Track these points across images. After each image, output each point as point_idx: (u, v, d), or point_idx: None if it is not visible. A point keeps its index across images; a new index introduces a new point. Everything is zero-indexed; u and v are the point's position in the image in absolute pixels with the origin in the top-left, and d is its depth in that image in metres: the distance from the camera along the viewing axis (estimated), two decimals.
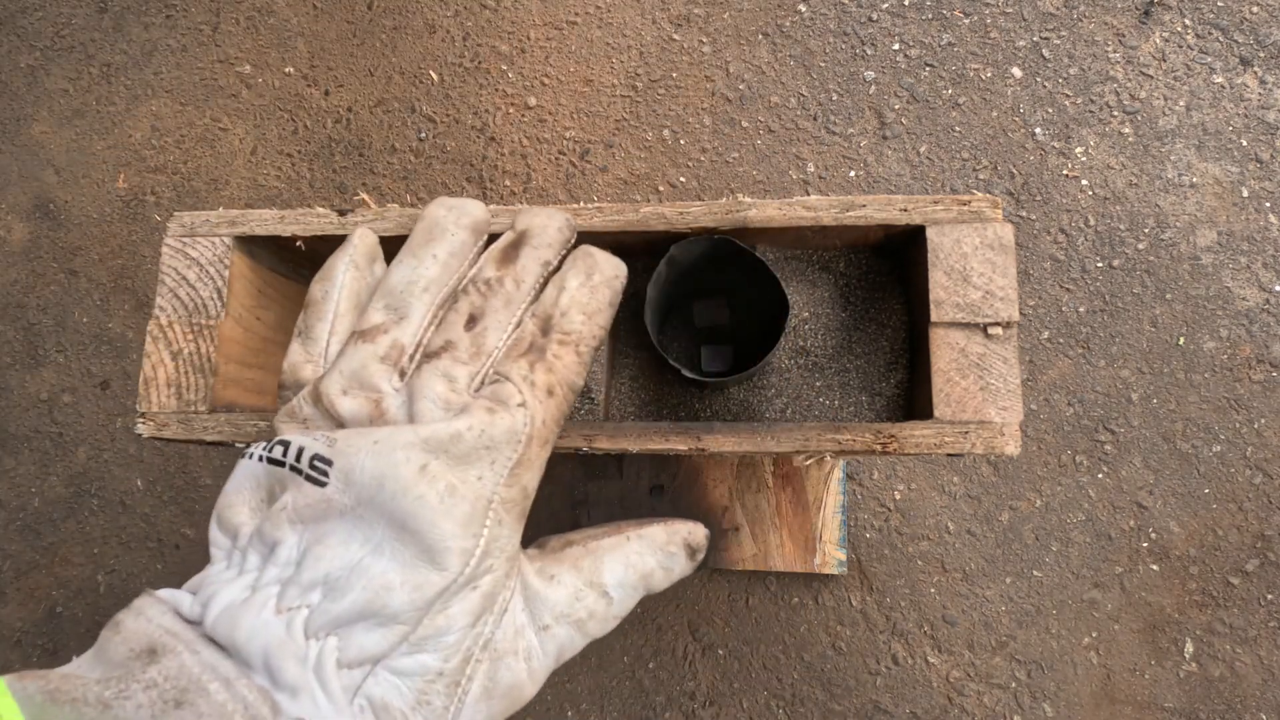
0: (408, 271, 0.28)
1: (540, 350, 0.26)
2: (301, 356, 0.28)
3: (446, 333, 0.27)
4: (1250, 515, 0.77)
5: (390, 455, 0.23)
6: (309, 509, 0.24)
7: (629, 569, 0.28)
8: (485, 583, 0.24)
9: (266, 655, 0.21)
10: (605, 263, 0.29)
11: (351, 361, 0.26)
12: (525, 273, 0.28)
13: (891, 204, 0.37)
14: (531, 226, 0.29)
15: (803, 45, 0.90)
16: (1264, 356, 0.80)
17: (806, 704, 0.77)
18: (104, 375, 0.90)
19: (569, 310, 0.27)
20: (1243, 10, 0.86)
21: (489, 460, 0.24)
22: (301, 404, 0.27)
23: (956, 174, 0.85)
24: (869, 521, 0.79)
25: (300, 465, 0.24)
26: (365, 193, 0.91)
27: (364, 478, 0.23)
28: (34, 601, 0.87)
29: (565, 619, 0.26)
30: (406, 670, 0.23)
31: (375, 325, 0.27)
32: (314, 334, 0.28)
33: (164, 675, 0.21)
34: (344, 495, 0.23)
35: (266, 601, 0.22)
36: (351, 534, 0.23)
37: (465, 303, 0.27)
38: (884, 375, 0.40)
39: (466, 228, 0.29)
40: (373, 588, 0.22)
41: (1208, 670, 0.75)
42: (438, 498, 0.23)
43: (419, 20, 0.95)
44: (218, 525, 0.26)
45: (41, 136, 0.98)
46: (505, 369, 0.26)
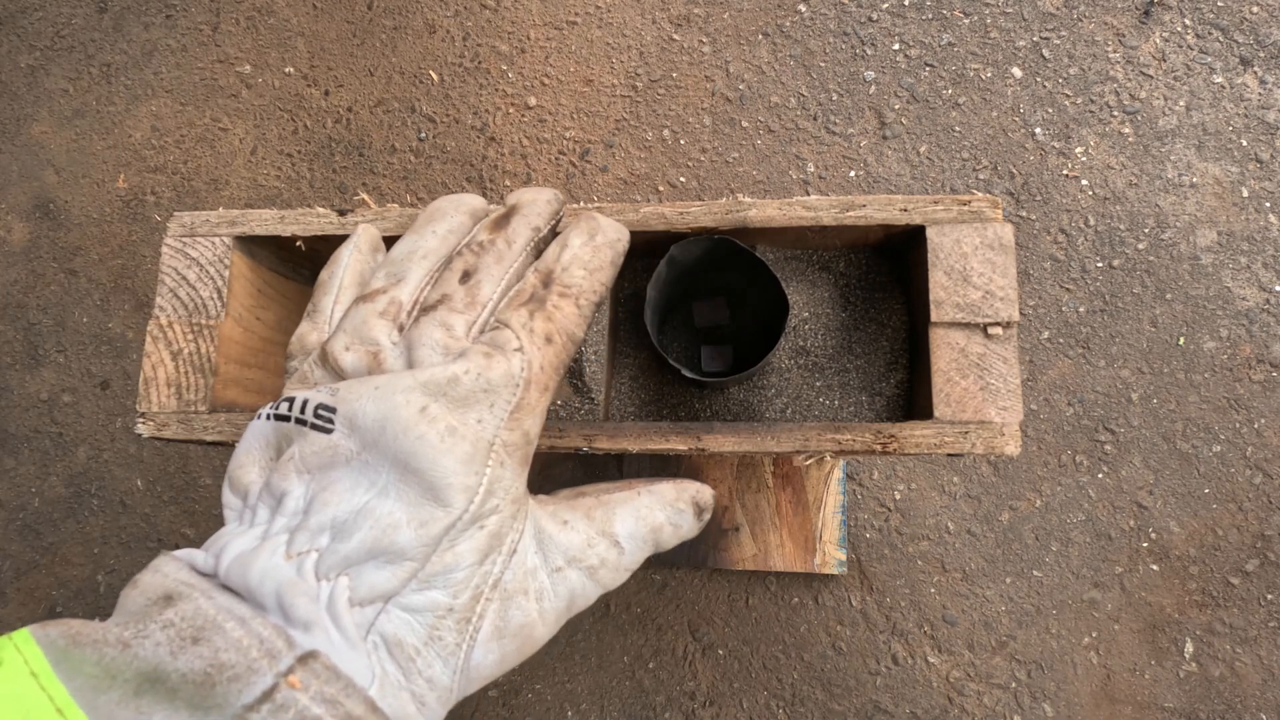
0: (408, 245, 0.29)
1: (540, 300, 0.27)
2: (308, 328, 0.29)
3: (442, 288, 0.28)
4: (1250, 515, 0.77)
5: (391, 398, 0.24)
6: (315, 456, 0.24)
7: (639, 521, 0.28)
8: (491, 522, 0.24)
9: (279, 595, 0.22)
10: (608, 225, 0.30)
11: (353, 320, 0.27)
12: (515, 234, 0.29)
13: (891, 204, 0.37)
14: (521, 200, 0.30)
15: (803, 45, 0.90)
16: (1264, 356, 0.80)
17: (806, 704, 0.77)
18: (104, 375, 0.90)
19: (570, 265, 0.28)
20: (1243, 10, 0.86)
21: (488, 403, 0.25)
22: (311, 368, 0.28)
23: (956, 174, 0.85)
24: (869, 521, 0.79)
25: (305, 416, 0.25)
26: (365, 193, 0.91)
27: (366, 421, 0.24)
28: (34, 601, 0.87)
29: (578, 563, 0.27)
30: (417, 606, 0.23)
31: (376, 289, 0.28)
32: (320, 307, 0.30)
33: (180, 616, 0.21)
34: (349, 440, 0.24)
35: (277, 548, 0.23)
36: (358, 479, 0.24)
37: (459, 262, 0.28)
38: (884, 375, 0.40)
39: (465, 212, 0.30)
40: (380, 526, 0.23)
41: (1208, 670, 0.75)
42: (438, 437, 0.23)
43: (419, 20, 0.95)
44: (229, 487, 0.26)
45: (41, 136, 0.98)
46: (504, 316, 0.26)
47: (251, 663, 0.20)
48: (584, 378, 0.40)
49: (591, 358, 0.40)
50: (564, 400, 0.40)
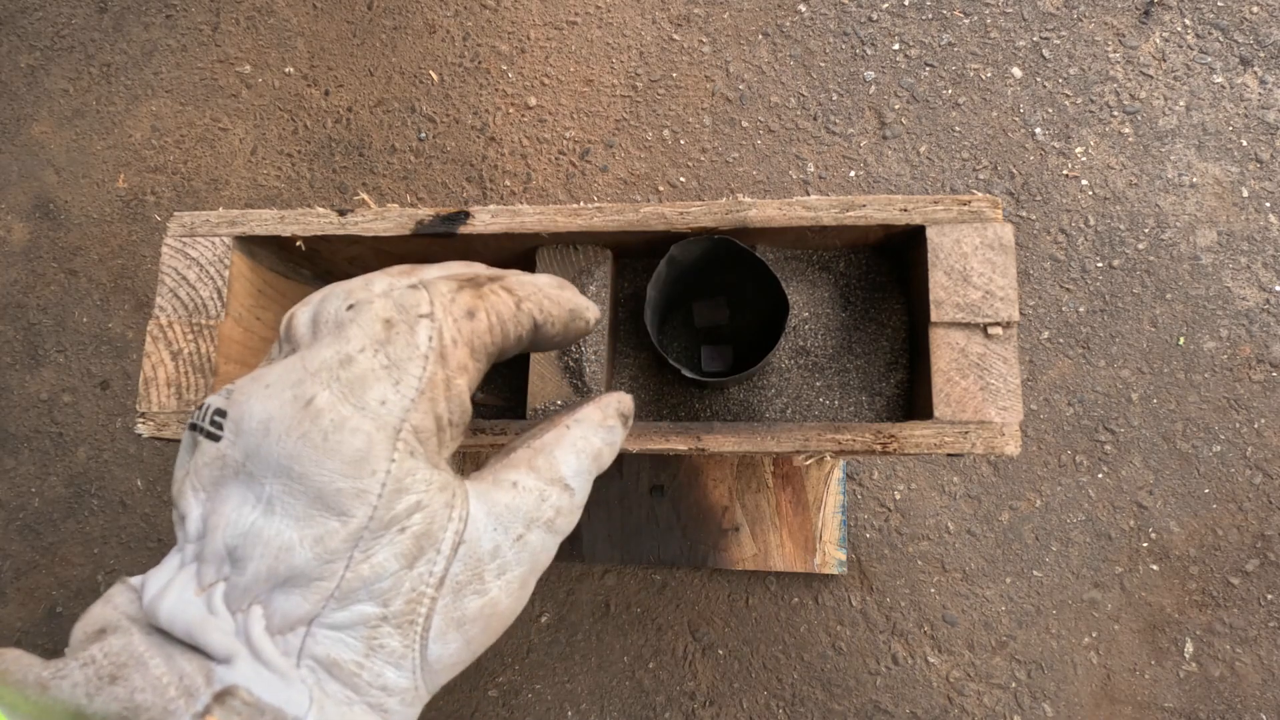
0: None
1: (477, 284, 0.24)
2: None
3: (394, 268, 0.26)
4: (1250, 515, 0.77)
5: (279, 395, 0.21)
6: (207, 470, 0.22)
7: (580, 455, 0.27)
8: (416, 521, 0.22)
9: (189, 632, 0.20)
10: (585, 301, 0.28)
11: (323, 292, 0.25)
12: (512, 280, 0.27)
13: (891, 204, 0.37)
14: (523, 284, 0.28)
15: (803, 45, 0.90)
16: (1264, 356, 0.80)
17: (806, 704, 0.77)
18: (104, 375, 0.90)
19: (525, 281, 0.26)
20: (1243, 10, 0.86)
21: (391, 381, 0.22)
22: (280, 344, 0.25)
23: (956, 174, 0.85)
24: (869, 521, 0.79)
25: (202, 423, 0.22)
26: (365, 193, 0.91)
27: (251, 424, 0.21)
28: (34, 601, 0.87)
29: (536, 523, 0.25)
30: (344, 623, 0.21)
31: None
32: None
33: (104, 652, 0.20)
34: (234, 448, 0.21)
35: (188, 583, 0.21)
36: (245, 495, 0.21)
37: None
38: (884, 375, 0.40)
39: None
40: (271, 551, 0.21)
41: (1208, 670, 0.75)
42: (321, 435, 0.21)
43: (419, 20, 0.95)
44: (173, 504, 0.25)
45: (41, 136, 0.98)
46: (428, 281, 0.24)
47: (168, 703, 0.19)
48: (584, 378, 0.40)
49: (591, 358, 0.40)
50: (564, 400, 0.40)
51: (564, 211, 0.38)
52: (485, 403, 0.50)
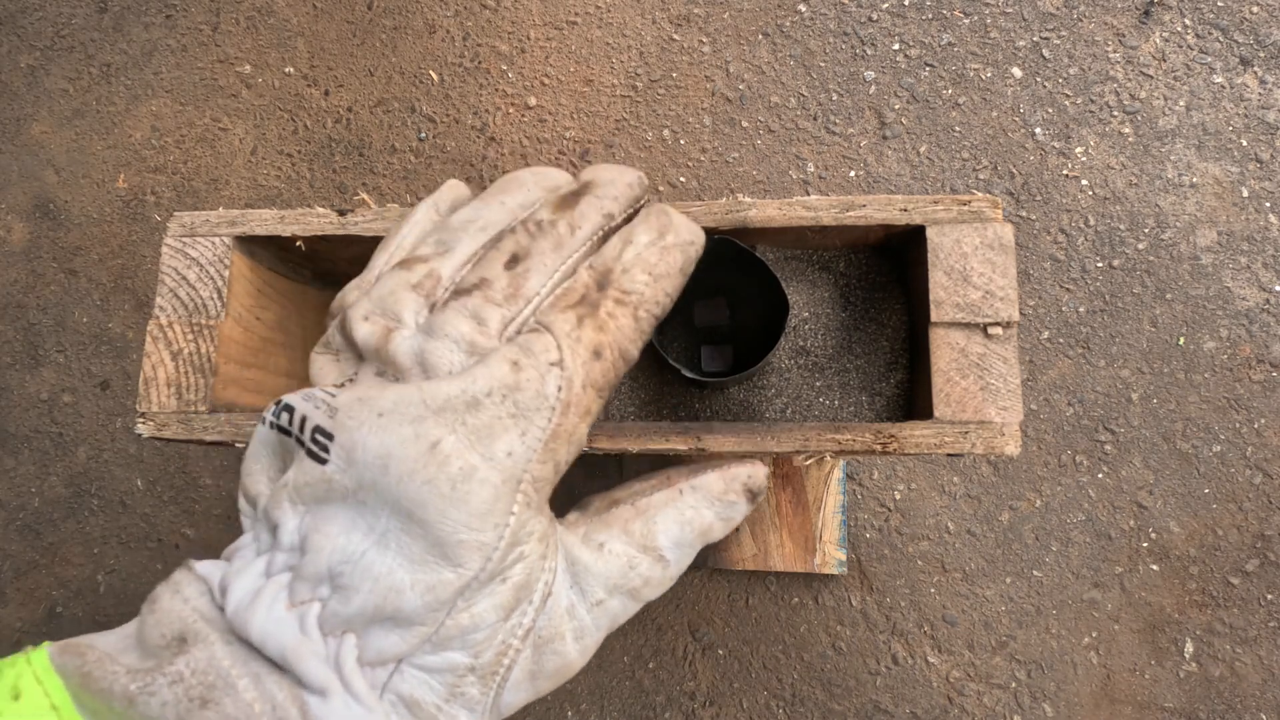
0: (469, 213, 0.25)
1: (593, 305, 0.23)
2: (353, 284, 0.26)
3: (483, 270, 0.23)
4: (1250, 515, 0.77)
5: (396, 430, 0.20)
6: (309, 488, 0.21)
7: (685, 526, 0.25)
8: (516, 572, 0.21)
9: (284, 655, 0.20)
10: (682, 224, 0.26)
11: (383, 287, 0.24)
12: (582, 218, 0.24)
13: (891, 204, 0.37)
14: (598, 178, 0.25)
15: (803, 45, 0.90)
16: (1264, 356, 0.80)
17: (806, 704, 0.77)
18: (104, 375, 0.90)
19: (632, 267, 0.24)
20: (1243, 10, 0.86)
21: (518, 431, 0.21)
22: (334, 333, 0.25)
23: (956, 174, 0.85)
24: (869, 521, 0.79)
25: (303, 437, 0.21)
26: (365, 193, 0.91)
27: (367, 456, 0.20)
28: (34, 601, 0.87)
29: (619, 590, 0.24)
30: (434, 667, 0.21)
31: (419, 255, 0.24)
32: (373, 264, 0.26)
33: (191, 669, 0.19)
34: (345, 476, 0.21)
35: (277, 594, 0.21)
36: (354, 520, 0.21)
37: (510, 241, 0.24)
38: (884, 375, 0.40)
39: (545, 187, 0.26)
40: (380, 590, 0.20)
41: (1208, 670, 0.75)
42: (449, 483, 0.20)
43: (419, 20, 0.95)
44: (242, 493, 0.24)
45: (41, 136, 0.98)
46: (548, 318, 0.22)
47: None
48: None
49: None
50: None
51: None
52: None
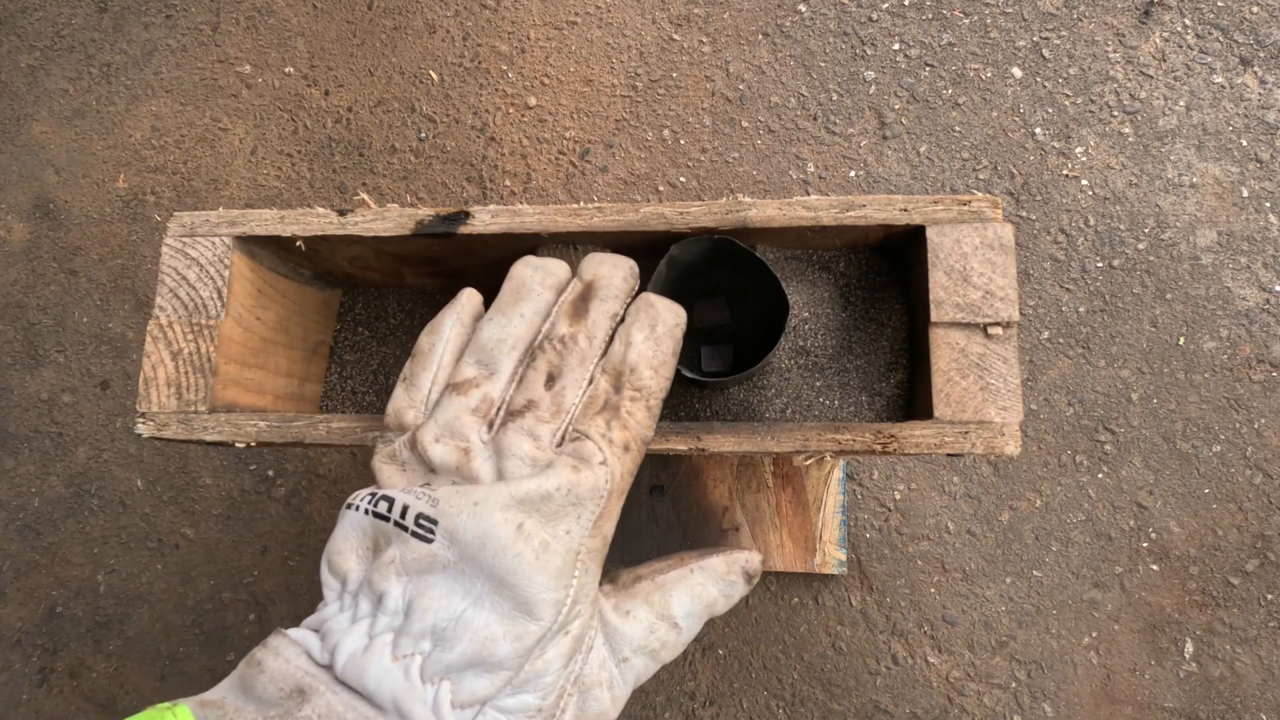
0: (497, 330, 0.31)
1: (615, 408, 0.29)
2: (405, 402, 0.31)
3: (528, 391, 0.29)
4: (1250, 515, 0.77)
5: (490, 516, 0.26)
6: (415, 563, 0.26)
7: (694, 600, 0.31)
8: (575, 626, 0.27)
9: (396, 700, 0.24)
10: (666, 312, 0.31)
11: (446, 413, 0.29)
12: (596, 328, 0.30)
13: (891, 204, 0.37)
14: (598, 277, 0.31)
15: (803, 45, 0.90)
16: (1264, 356, 0.80)
17: (806, 704, 0.77)
18: (104, 375, 0.90)
19: (637, 365, 0.30)
20: (1243, 10, 0.86)
21: (575, 515, 0.27)
22: (401, 448, 0.30)
23: (956, 174, 0.85)
24: (869, 521, 0.79)
25: (406, 523, 0.27)
26: (365, 193, 0.91)
27: (467, 537, 0.26)
28: (34, 601, 0.87)
29: (642, 650, 0.29)
30: (511, 709, 0.26)
31: (468, 379, 0.30)
32: (418, 382, 0.31)
33: (317, 713, 0.24)
34: (448, 551, 0.26)
35: (384, 650, 0.25)
36: (453, 586, 0.26)
37: (544, 361, 0.30)
38: (884, 375, 0.40)
39: (551, 288, 0.31)
40: (479, 640, 0.25)
41: (1208, 670, 0.75)
42: (533, 554, 0.26)
43: (419, 20, 0.95)
44: (329, 569, 0.29)
45: (41, 136, 0.98)
46: (585, 427, 0.28)
47: None
48: None
49: None
50: None
51: (564, 211, 0.38)
52: None
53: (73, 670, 0.85)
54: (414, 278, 0.49)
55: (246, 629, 0.83)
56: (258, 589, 0.84)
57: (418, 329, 0.50)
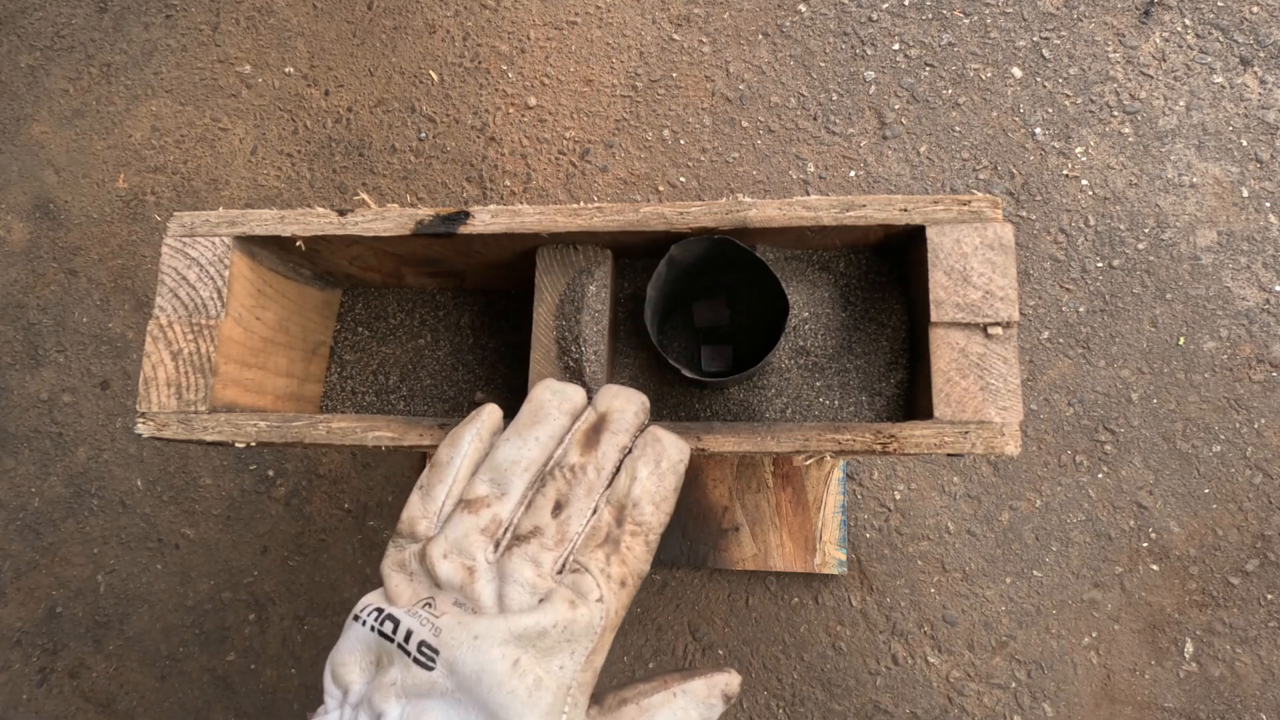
0: (513, 451, 0.32)
1: (615, 542, 0.30)
2: (419, 511, 0.32)
3: (535, 517, 0.31)
4: (1250, 515, 0.77)
5: (489, 651, 0.27)
6: (415, 688, 0.28)
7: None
8: None
9: None
10: (671, 447, 0.32)
11: (456, 530, 0.31)
12: (605, 460, 0.32)
13: (891, 204, 0.37)
14: (611, 410, 0.33)
15: (803, 45, 0.90)
16: (1264, 356, 0.80)
17: (806, 704, 0.77)
18: (104, 375, 0.90)
19: (640, 500, 0.31)
20: (1243, 10, 0.86)
21: (569, 651, 0.28)
22: (410, 559, 0.31)
23: (956, 174, 0.85)
24: (869, 521, 0.79)
25: (409, 648, 0.28)
26: (365, 193, 0.91)
27: (465, 670, 0.27)
28: (34, 601, 0.87)
29: None
30: None
31: (480, 497, 0.31)
32: (433, 494, 0.33)
33: None
34: (447, 680, 0.27)
35: None
36: (449, 714, 0.27)
37: (552, 488, 0.31)
38: (884, 375, 0.40)
39: (567, 413, 0.33)
40: None
41: (1208, 670, 0.75)
42: (526, 692, 0.27)
43: (419, 20, 0.95)
44: (331, 678, 0.30)
45: (41, 136, 0.98)
46: (584, 559, 0.30)
47: None
48: (584, 377, 0.40)
49: (591, 358, 0.40)
50: None
51: (564, 211, 0.38)
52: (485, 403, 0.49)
53: (73, 670, 0.85)
54: (414, 278, 0.49)
55: (246, 629, 0.83)
56: (258, 589, 0.84)
57: (418, 329, 0.50)
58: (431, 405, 0.49)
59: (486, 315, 0.50)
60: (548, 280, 0.40)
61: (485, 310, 0.50)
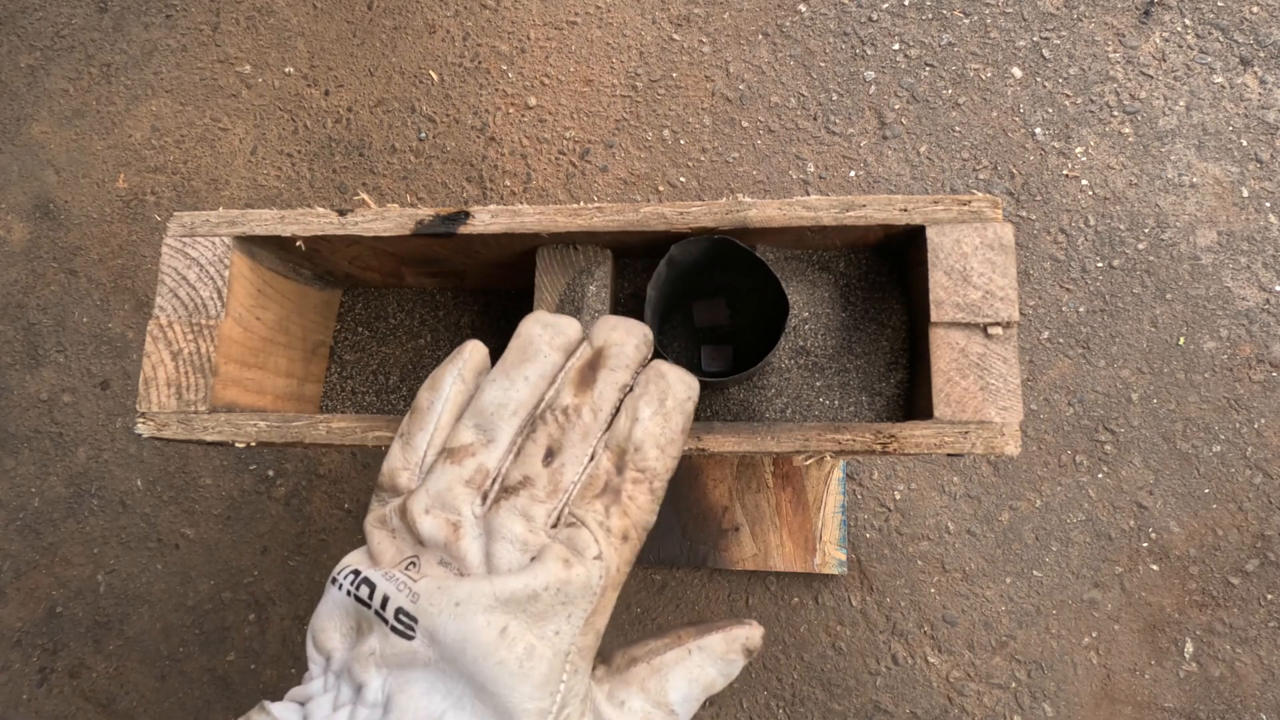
0: (499, 393, 0.29)
1: (615, 491, 0.27)
2: (400, 462, 0.29)
3: (525, 467, 0.28)
4: (1250, 515, 0.77)
5: (472, 619, 0.24)
6: (395, 658, 0.25)
7: (692, 684, 0.29)
8: None
9: None
10: (677, 384, 0.29)
11: (438, 482, 0.28)
12: (602, 399, 0.28)
13: (891, 204, 0.37)
14: (609, 344, 0.29)
15: (803, 45, 0.90)
16: (1264, 356, 0.80)
17: (806, 704, 0.77)
18: (104, 375, 0.90)
19: (643, 444, 0.28)
20: (1243, 10, 0.86)
21: (565, 614, 0.25)
22: (391, 515, 0.29)
23: (956, 174, 0.85)
24: (869, 521, 0.79)
25: (385, 615, 0.26)
26: (365, 193, 0.91)
27: (447, 638, 0.24)
28: (34, 601, 0.87)
29: None
30: None
31: (464, 445, 0.28)
32: (414, 442, 0.30)
33: None
34: (428, 650, 0.25)
35: None
36: (434, 685, 0.25)
37: (543, 434, 0.28)
38: (884, 375, 0.40)
39: (560, 349, 0.30)
40: None
41: (1208, 670, 0.75)
42: (516, 662, 0.24)
43: (419, 20, 0.95)
44: (313, 644, 0.28)
45: (41, 136, 0.98)
46: (581, 512, 0.27)
47: None
48: None
49: None
50: None
51: (564, 211, 0.38)
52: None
53: (73, 670, 0.85)
54: (414, 278, 0.49)
55: (246, 629, 0.83)
56: (258, 589, 0.84)
57: (418, 329, 0.51)
58: None
59: (486, 315, 0.50)
60: (548, 280, 0.40)
61: (485, 310, 0.50)
